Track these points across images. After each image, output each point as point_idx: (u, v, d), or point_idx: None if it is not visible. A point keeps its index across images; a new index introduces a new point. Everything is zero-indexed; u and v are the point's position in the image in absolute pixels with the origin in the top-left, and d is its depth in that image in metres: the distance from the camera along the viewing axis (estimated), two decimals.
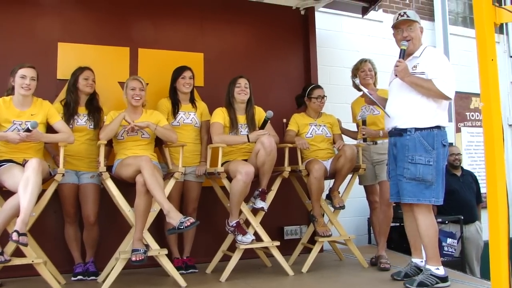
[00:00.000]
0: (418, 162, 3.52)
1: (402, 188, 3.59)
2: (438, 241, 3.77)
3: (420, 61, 3.67)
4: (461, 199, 5.79)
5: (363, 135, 4.57)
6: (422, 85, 3.57)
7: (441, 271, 3.54)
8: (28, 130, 3.53)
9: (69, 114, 4.13)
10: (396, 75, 3.70)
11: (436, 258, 3.57)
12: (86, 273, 4.13)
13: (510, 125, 7.75)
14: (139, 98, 4.07)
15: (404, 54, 3.71)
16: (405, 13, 3.76)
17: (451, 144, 6.40)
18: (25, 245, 3.22)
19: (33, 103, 3.81)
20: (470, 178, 6.15)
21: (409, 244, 3.92)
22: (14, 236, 3.13)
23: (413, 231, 3.83)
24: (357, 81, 4.45)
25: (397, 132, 3.66)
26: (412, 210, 3.68)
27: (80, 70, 4.25)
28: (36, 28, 4.55)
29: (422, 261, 3.83)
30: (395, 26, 3.81)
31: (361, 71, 4.71)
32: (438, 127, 3.59)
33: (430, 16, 7.43)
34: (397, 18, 3.77)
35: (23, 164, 3.57)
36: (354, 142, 4.79)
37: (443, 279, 3.54)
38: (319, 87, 4.83)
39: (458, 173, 6.07)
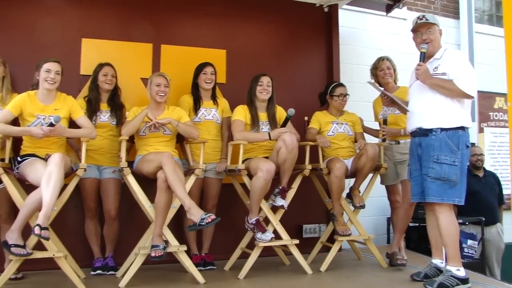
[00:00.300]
0: (443, 162, 3.51)
1: (427, 187, 3.56)
2: (459, 242, 3.72)
3: (441, 62, 3.69)
4: (482, 200, 5.72)
5: (383, 134, 4.54)
6: (443, 86, 3.58)
7: (461, 272, 3.51)
8: (51, 125, 3.55)
9: (92, 111, 4.17)
10: (417, 78, 3.70)
11: (457, 259, 3.54)
12: (106, 268, 4.17)
13: None
14: (163, 94, 4.09)
15: (424, 57, 3.73)
16: (424, 16, 3.79)
17: (473, 145, 6.33)
18: (47, 239, 3.26)
19: (57, 98, 3.84)
20: (492, 179, 6.07)
21: (430, 244, 3.89)
22: (36, 230, 3.16)
23: (434, 231, 3.80)
24: (372, 81, 4.40)
25: (422, 132, 3.65)
26: (433, 209, 3.67)
27: (100, 66, 4.29)
28: (60, 24, 4.60)
29: (442, 262, 3.81)
30: (415, 30, 3.82)
31: (380, 70, 4.68)
32: (462, 128, 3.58)
33: (455, 14, 7.32)
34: (416, 22, 3.80)
35: (45, 159, 3.61)
36: (377, 140, 4.75)
37: (464, 280, 3.50)
38: (341, 85, 4.80)
39: (480, 174, 5.99)
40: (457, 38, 7.21)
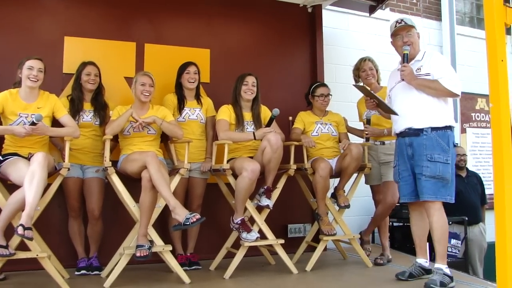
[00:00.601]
0: (437, 161, 3.55)
1: (422, 186, 3.58)
2: None
3: (423, 63, 3.73)
4: (465, 200, 5.77)
5: (366, 134, 4.57)
6: (429, 86, 3.63)
7: (448, 270, 3.55)
8: (33, 124, 3.51)
9: (75, 110, 4.12)
10: (402, 79, 3.73)
11: (445, 257, 3.59)
12: (90, 268, 4.13)
13: None
14: (148, 94, 4.07)
15: (407, 59, 3.77)
16: (402, 20, 3.85)
17: (456, 145, 6.40)
18: (30, 239, 3.21)
19: (39, 96, 3.80)
20: (475, 180, 6.14)
21: (414, 244, 3.91)
22: (20, 230, 3.11)
23: (419, 231, 3.84)
24: (361, 83, 4.39)
25: (413, 132, 3.67)
26: (421, 209, 3.74)
27: (83, 65, 4.24)
28: (42, 22, 4.54)
29: (426, 262, 3.84)
30: (394, 33, 3.87)
31: (362, 71, 4.70)
32: (449, 127, 3.64)
33: (437, 16, 7.39)
34: (396, 25, 3.84)
35: (28, 158, 3.57)
36: (361, 140, 4.78)
37: (451, 278, 3.55)
38: (323, 85, 4.81)
39: (463, 174, 6.05)
40: (439, 40, 7.29)
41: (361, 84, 4.25)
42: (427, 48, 3.92)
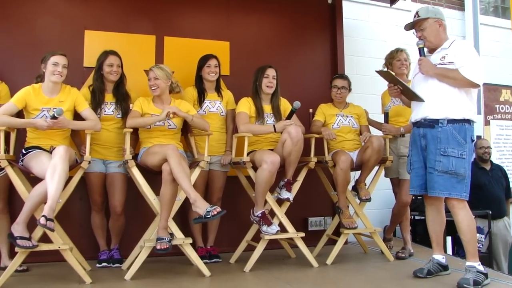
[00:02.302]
0: (450, 155, 3.45)
1: (433, 181, 3.50)
2: None
3: (449, 52, 3.62)
4: (489, 193, 5.70)
5: (384, 132, 4.52)
6: (448, 76, 3.53)
7: (481, 267, 3.47)
8: (54, 117, 3.54)
9: (96, 103, 4.11)
10: (421, 72, 3.68)
11: (476, 254, 3.50)
12: (111, 260, 4.16)
13: None
14: (156, 87, 4.05)
15: (423, 52, 3.71)
16: (417, 12, 3.76)
17: (480, 137, 6.29)
18: (52, 230, 3.24)
19: (61, 90, 3.82)
20: (499, 173, 6.05)
21: (431, 240, 3.84)
22: (42, 220, 3.14)
23: (435, 226, 3.78)
24: (385, 68, 4.31)
25: (428, 123, 3.58)
26: (437, 203, 3.69)
27: (104, 55, 4.20)
28: (63, 15, 4.59)
29: (443, 258, 3.79)
30: (411, 29, 3.82)
31: (397, 60, 4.64)
32: (468, 121, 3.52)
33: (460, 6, 7.26)
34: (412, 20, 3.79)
35: (50, 151, 3.60)
36: (381, 133, 4.72)
37: (486, 274, 3.48)
38: (341, 77, 4.78)
39: (487, 167, 5.96)
40: (462, 30, 7.17)
41: (386, 70, 4.13)
42: (456, 38, 3.79)
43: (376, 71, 3.89)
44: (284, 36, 5.44)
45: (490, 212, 5.67)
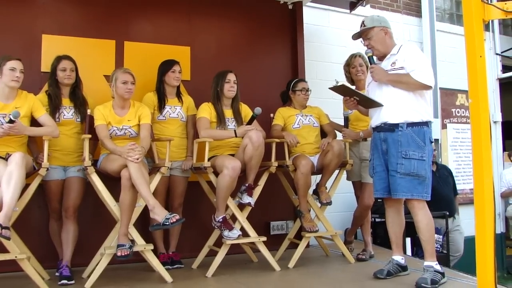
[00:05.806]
0: (412, 157, 3.53)
1: (396, 183, 3.57)
2: None
3: (398, 57, 3.70)
4: (439, 194, 5.81)
5: (344, 137, 4.57)
6: (401, 80, 3.61)
7: (439, 266, 3.56)
8: (10, 121, 3.46)
9: (54, 107, 4.02)
10: (375, 80, 3.75)
11: (434, 254, 3.59)
12: (60, 277, 3.80)
13: (495, 122, 7.79)
14: (131, 92, 4.01)
15: (373, 60, 3.80)
16: (362, 22, 3.84)
17: (436, 141, 6.47)
18: (8, 238, 3.15)
19: (17, 96, 3.74)
20: (445, 172, 6.28)
21: (390, 241, 3.92)
22: None
23: (395, 227, 3.86)
24: (340, 82, 4.30)
25: (388, 128, 3.65)
26: (397, 205, 3.77)
27: (57, 60, 4.11)
28: (20, 19, 4.47)
29: (403, 259, 3.87)
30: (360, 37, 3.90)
31: (352, 67, 4.70)
32: (426, 123, 3.61)
33: (418, 13, 7.44)
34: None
35: (6, 158, 3.52)
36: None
37: (443, 274, 3.57)
38: (303, 80, 4.84)
39: (434, 168, 6.11)
40: (420, 36, 7.34)
41: (341, 83, 4.14)
42: (404, 42, 3.89)
43: (329, 88, 3.93)
44: (245, 42, 5.46)
45: (447, 213, 5.81)
